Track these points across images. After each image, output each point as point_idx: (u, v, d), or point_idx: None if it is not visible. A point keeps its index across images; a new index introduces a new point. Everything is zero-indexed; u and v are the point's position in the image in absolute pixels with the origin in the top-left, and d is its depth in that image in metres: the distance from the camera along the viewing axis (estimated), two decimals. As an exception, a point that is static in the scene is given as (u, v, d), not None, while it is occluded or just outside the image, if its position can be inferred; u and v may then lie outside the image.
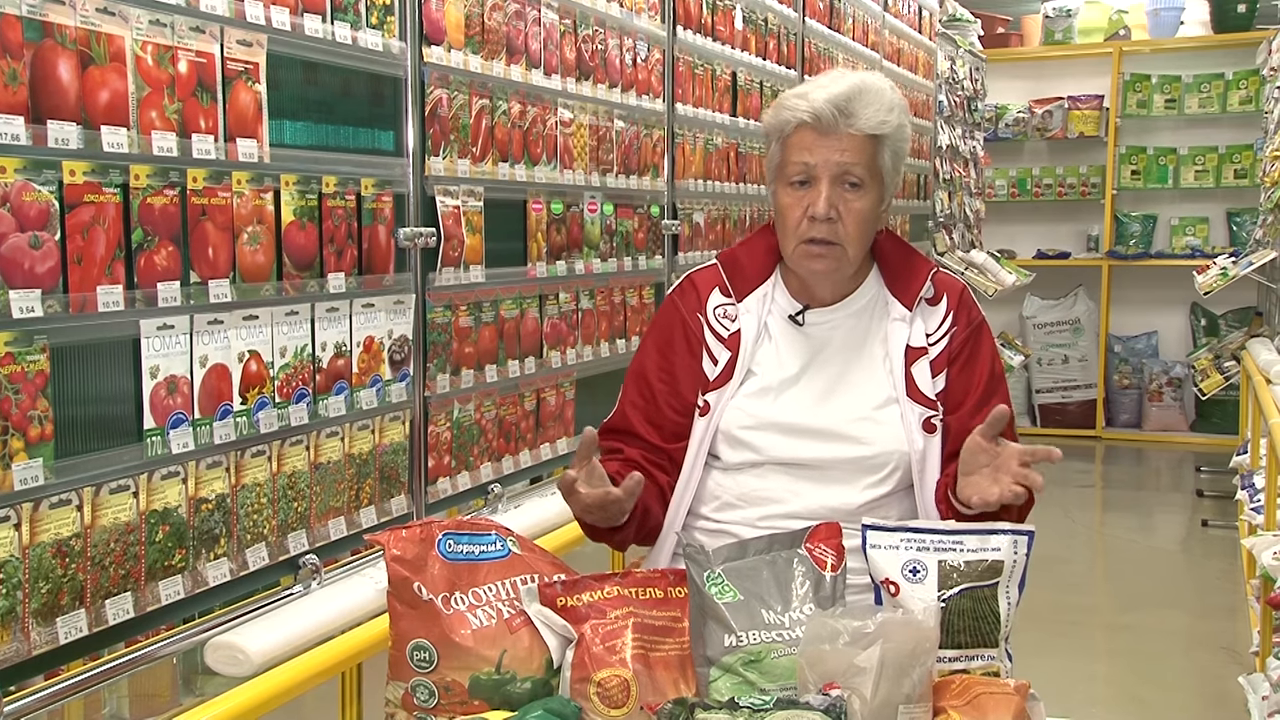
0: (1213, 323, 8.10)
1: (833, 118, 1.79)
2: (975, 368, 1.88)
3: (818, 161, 1.80)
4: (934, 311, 1.90)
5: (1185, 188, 8.28)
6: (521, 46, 2.66)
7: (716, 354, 1.90)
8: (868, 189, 1.82)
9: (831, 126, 1.79)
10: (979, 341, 1.90)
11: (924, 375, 1.85)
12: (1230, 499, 5.88)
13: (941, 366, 1.86)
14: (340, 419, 2.14)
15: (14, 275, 1.54)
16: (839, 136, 1.79)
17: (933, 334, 1.88)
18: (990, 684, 1.47)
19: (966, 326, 1.90)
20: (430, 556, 1.57)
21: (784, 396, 1.86)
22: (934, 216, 6.62)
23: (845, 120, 1.79)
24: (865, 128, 1.80)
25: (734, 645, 1.54)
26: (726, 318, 1.92)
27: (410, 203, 2.32)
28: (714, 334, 1.91)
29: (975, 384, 1.87)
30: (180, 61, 1.78)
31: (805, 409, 1.85)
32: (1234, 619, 4.72)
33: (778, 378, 1.88)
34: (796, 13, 4.44)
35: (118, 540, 1.70)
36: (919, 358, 1.86)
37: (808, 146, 1.81)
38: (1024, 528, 1.62)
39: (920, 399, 1.83)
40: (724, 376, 1.88)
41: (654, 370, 1.94)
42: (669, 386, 1.92)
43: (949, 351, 1.87)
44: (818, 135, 1.80)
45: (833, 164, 1.79)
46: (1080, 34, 8.57)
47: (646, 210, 3.31)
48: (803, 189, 1.82)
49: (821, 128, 1.80)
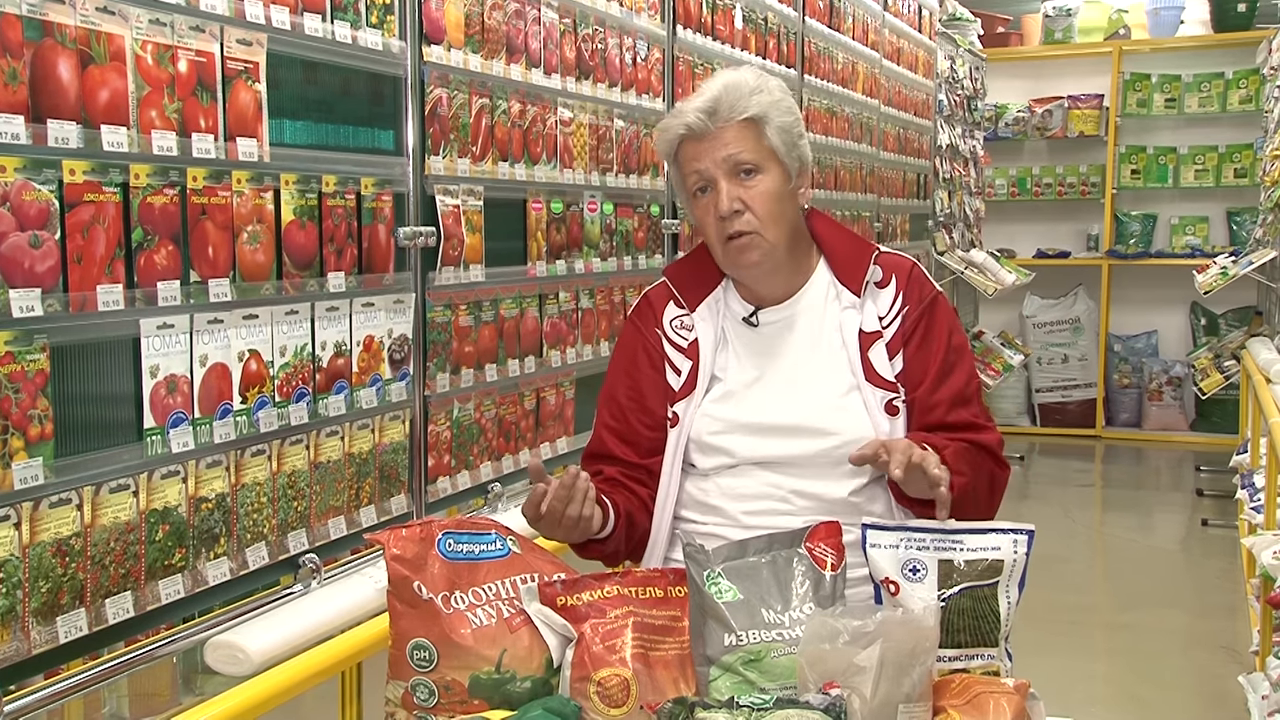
0: (1212, 322, 8.10)
1: (702, 122, 1.85)
2: (931, 343, 1.88)
3: (706, 164, 1.85)
4: (883, 293, 1.91)
5: (1185, 187, 8.28)
6: (521, 46, 2.66)
7: (678, 364, 1.93)
8: (765, 170, 1.85)
9: (705, 129, 1.85)
10: (933, 316, 1.90)
11: (881, 358, 1.86)
12: (1230, 498, 5.88)
13: (897, 348, 1.87)
14: (340, 418, 2.14)
15: (14, 274, 1.54)
16: (714, 135, 1.85)
17: (885, 316, 1.89)
18: (990, 683, 1.47)
19: (919, 304, 1.90)
20: (430, 556, 1.57)
21: (748, 397, 1.89)
22: (934, 216, 6.62)
23: (713, 119, 1.84)
24: (735, 116, 1.84)
25: (734, 644, 1.54)
26: (683, 328, 1.95)
27: (410, 202, 2.32)
28: (673, 345, 1.95)
29: (933, 358, 1.87)
30: (180, 61, 1.78)
31: (770, 407, 1.87)
32: (1234, 618, 4.72)
33: (740, 381, 1.90)
34: (796, 12, 4.44)
35: (118, 539, 1.70)
36: (874, 342, 1.87)
37: (694, 155, 1.87)
38: (1024, 526, 1.62)
39: (879, 382, 1.85)
40: (688, 385, 1.91)
41: (622, 391, 1.97)
42: (638, 404, 1.95)
43: (903, 332, 1.88)
44: (698, 142, 1.86)
45: (719, 160, 1.84)
46: (1080, 33, 8.57)
47: (646, 209, 3.31)
48: (706, 195, 1.87)
49: (697, 134, 1.85)
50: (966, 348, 1.94)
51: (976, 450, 1.83)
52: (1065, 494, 6.91)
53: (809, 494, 1.82)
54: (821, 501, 1.81)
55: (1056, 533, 5.89)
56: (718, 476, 1.87)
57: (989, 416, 1.92)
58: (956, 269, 6.60)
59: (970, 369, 1.90)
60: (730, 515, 1.84)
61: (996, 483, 1.87)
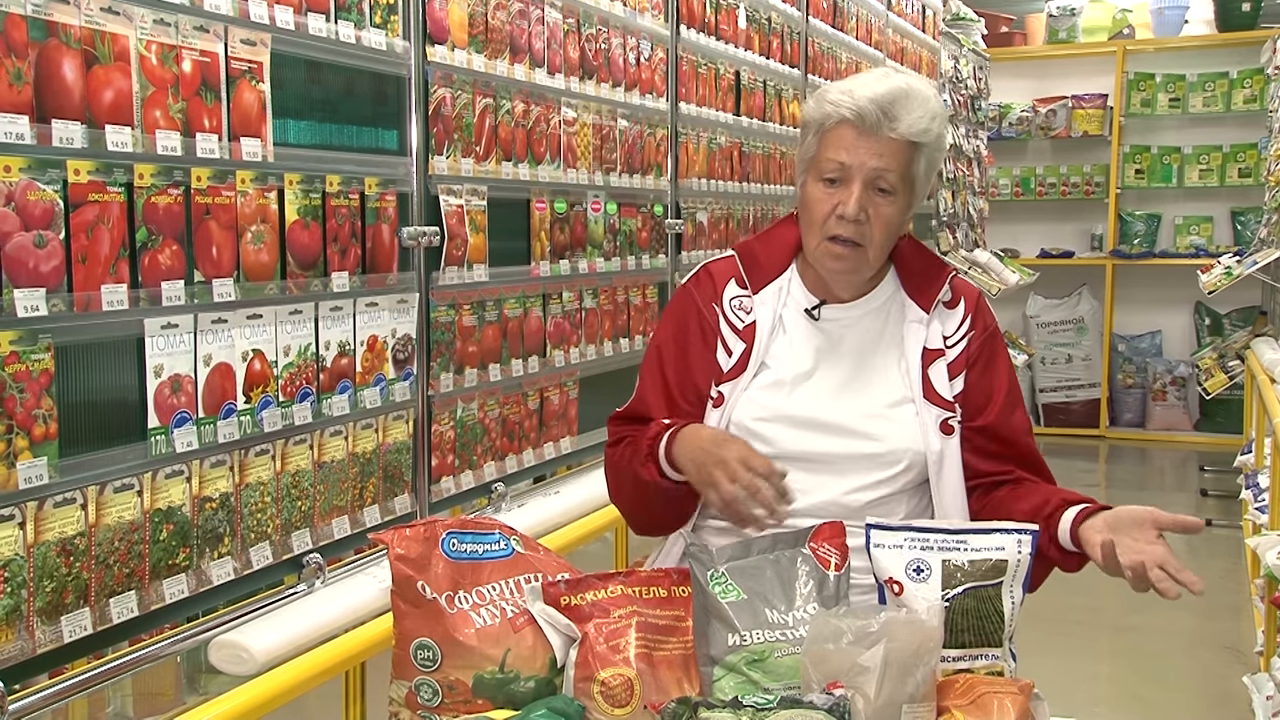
0: (1217, 322, 8.09)
1: (876, 118, 1.76)
2: (995, 372, 1.89)
3: (854, 162, 1.77)
4: (951, 315, 1.89)
5: (1189, 187, 8.27)
6: (525, 45, 2.66)
7: (731, 345, 1.88)
8: (898, 196, 1.80)
9: (874, 127, 1.76)
10: (995, 347, 1.91)
11: (941, 377, 1.84)
12: (1234, 498, 5.87)
13: (959, 369, 1.86)
14: (344, 418, 2.14)
15: (19, 274, 1.54)
16: (878, 139, 1.77)
17: (950, 337, 1.88)
18: (994, 683, 1.47)
19: (984, 332, 1.90)
20: (434, 555, 1.57)
21: (798, 390, 1.85)
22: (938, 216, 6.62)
23: (888, 123, 1.76)
24: (907, 133, 1.77)
25: (738, 644, 1.54)
26: (742, 309, 1.90)
27: (414, 202, 2.32)
28: (729, 325, 1.89)
29: (999, 386, 1.88)
30: (184, 61, 1.78)
31: (819, 403, 1.84)
32: (1238, 619, 4.71)
33: (791, 371, 1.86)
34: (800, 11, 4.44)
35: (122, 539, 1.70)
36: (936, 359, 1.85)
37: (846, 145, 1.78)
38: (1028, 527, 1.62)
39: (937, 401, 1.83)
40: (738, 368, 1.86)
41: (670, 359, 1.92)
42: (684, 376, 1.90)
43: (967, 355, 1.87)
44: (858, 134, 1.78)
45: (868, 167, 1.77)
46: (1084, 33, 8.56)
47: (650, 209, 3.31)
48: (833, 187, 1.80)
49: (864, 127, 1.77)
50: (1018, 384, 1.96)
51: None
52: (1069, 494, 6.90)
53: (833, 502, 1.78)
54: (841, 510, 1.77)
55: (1060, 533, 5.87)
56: None
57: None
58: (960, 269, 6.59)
59: (1023, 403, 1.92)
60: None
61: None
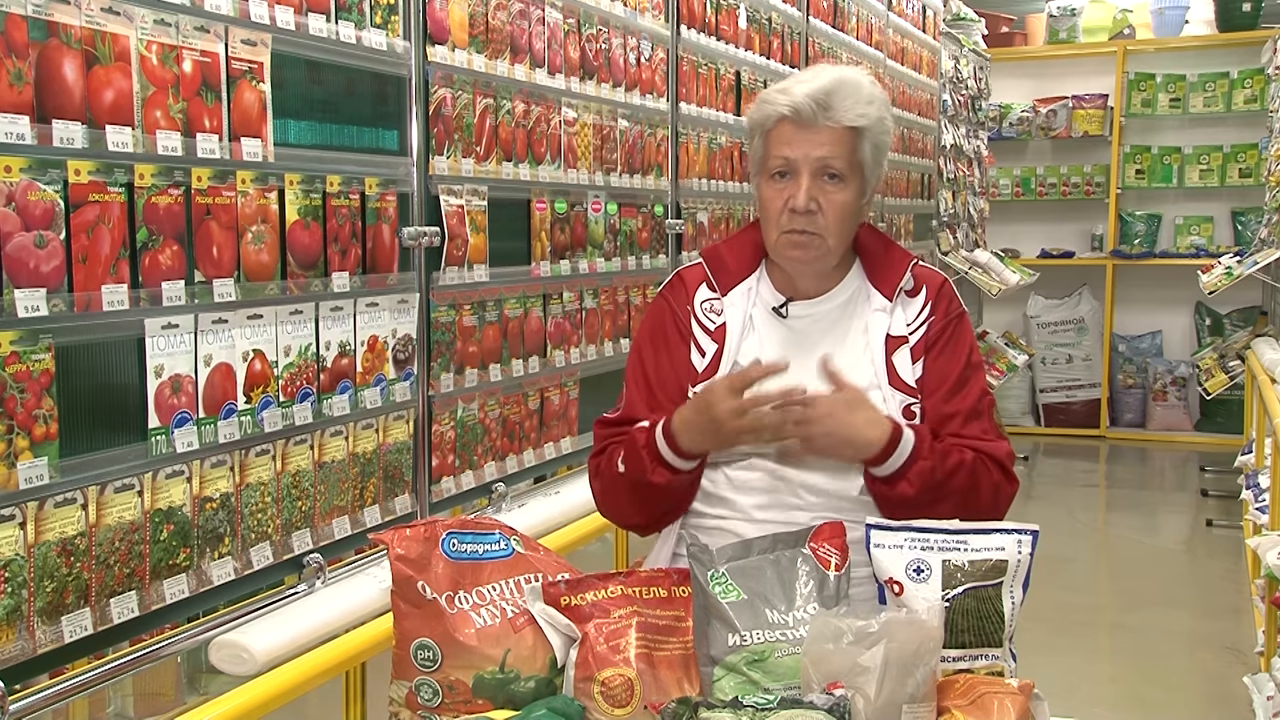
0: (1217, 322, 8.09)
1: (812, 111, 1.81)
2: (953, 356, 1.89)
3: (798, 155, 1.83)
4: (913, 302, 1.92)
5: (1190, 187, 8.27)
6: (525, 46, 2.66)
7: (704, 346, 1.92)
8: (848, 181, 1.84)
9: (811, 120, 1.82)
10: (958, 332, 1.91)
11: (904, 363, 1.87)
12: (1235, 499, 5.87)
13: (920, 354, 1.88)
14: (344, 418, 2.14)
15: (19, 274, 1.54)
16: (818, 130, 1.82)
17: (912, 322, 1.90)
18: (994, 684, 1.47)
19: (945, 316, 1.91)
20: (434, 556, 1.57)
21: (768, 388, 1.86)
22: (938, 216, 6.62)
23: (824, 113, 1.82)
24: (844, 120, 1.82)
25: (738, 644, 1.54)
26: (713, 311, 1.94)
27: (414, 202, 2.32)
28: (701, 327, 1.94)
29: (951, 370, 1.88)
30: (185, 61, 1.78)
31: None
32: (1238, 619, 4.71)
33: None
34: (800, 12, 4.44)
35: (122, 539, 1.70)
36: (899, 346, 1.88)
37: (788, 140, 1.84)
38: (1028, 527, 1.62)
39: (901, 386, 1.85)
40: (711, 369, 1.90)
41: (651, 364, 1.96)
42: (665, 376, 1.94)
43: (927, 339, 1.89)
44: (797, 129, 1.83)
45: (812, 158, 1.82)
46: (1084, 33, 8.56)
47: (650, 209, 3.31)
48: (783, 181, 1.85)
49: (801, 121, 1.82)
50: (983, 369, 1.95)
51: (981, 459, 1.82)
52: (1070, 494, 6.90)
53: (820, 489, 1.81)
54: (831, 498, 1.80)
55: (1061, 533, 5.88)
56: (727, 467, 1.86)
57: (1000, 434, 1.91)
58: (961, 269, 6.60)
59: (983, 388, 1.91)
60: (740, 508, 1.83)
61: (1001, 493, 1.85)
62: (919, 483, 1.76)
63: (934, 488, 1.77)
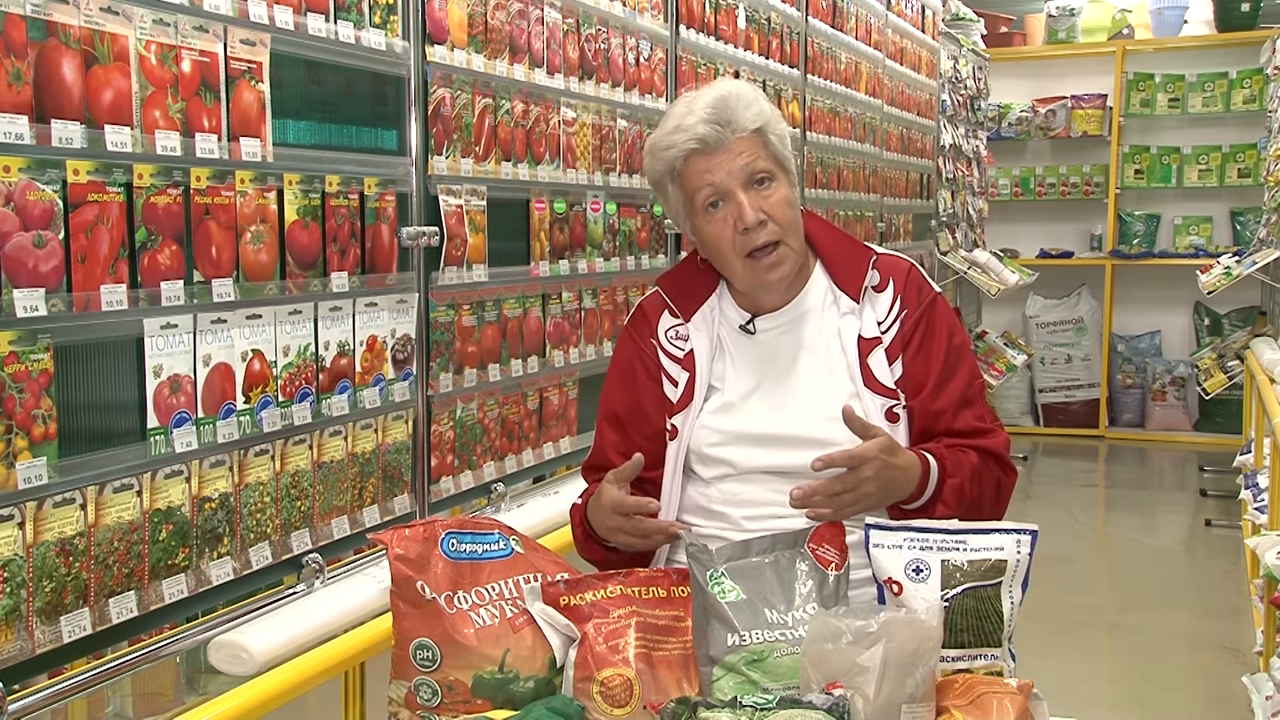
0: (1216, 322, 8.09)
1: (717, 132, 1.80)
2: (931, 347, 1.85)
3: (721, 176, 1.80)
4: (881, 298, 1.87)
5: (1189, 187, 8.28)
6: (524, 46, 2.66)
7: (675, 376, 1.90)
8: (777, 177, 1.82)
9: (718, 141, 1.80)
10: (933, 319, 1.86)
11: (880, 365, 1.83)
12: (1234, 498, 5.87)
13: (896, 353, 1.84)
14: (343, 418, 2.14)
15: (18, 274, 1.54)
16: (727, 147, 1.80)
17: (883, 321, 1.85)
18: (993, 683, 1.47)
19: (917, 306, 1.86)
20: (433, 555, 1.57)
21: (745, 408, 1.85)
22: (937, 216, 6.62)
23: (728, 128, 1.80)
24: (746, 126, 1.81)
25: (737, 644, 1.54)
26: (679, 338, 1.92)
27: (413, 202, 2.32)
28: (669, 356, 1.91)
29: (933, 363, 1.84)
30: (184, 61, 1.78)
31: (769, 418, 1.83)
32: (1237, 619, 4.72)
33: (738, 391, 1.87)
34: (799, 12, 4.44)
35: (121, 539, 1.70)
36: (873, 348, 1.83)
37: (706, 169, 1.81)
38: (1028, 526, 1.62)
39: (879, 389, 1.81)
40: (685, 397, 1.87)
41: (621, 405, 1.95)
42: (637, 416, 1.92)
43: (901, 336, 1.84)
44: (709, 155, 1.81)
45: (736, 170, 1.80)
46: (1083, 33, 8.56)
47: (649, 209, 3.31)
48: (720, 209, 1.82)
49: (709, 147, 1.80)
50: (967, 348, 1.90)
51: (984, 460, 1.81)
52: (1069, 494, 6.91)
53: None
54: None
55: (1060, 533, 5.88)
56: (720, 483, 1.85)
57: (994, 417, 1.89)
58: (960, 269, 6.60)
59: (971, 370, 1.87)
60: (733, 521, 1.82)
61: (1003, 488, 1.85)
62: (954, 499, 1.76)
63: (965, 500, 1.77)
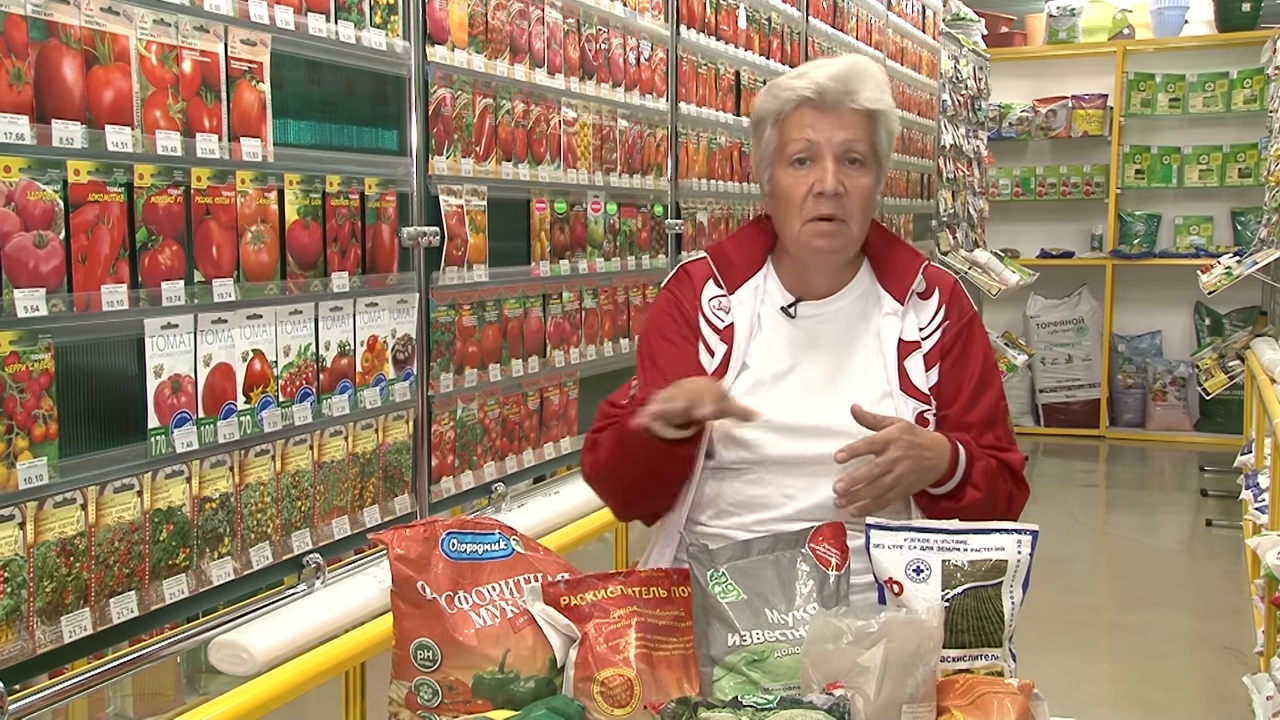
0: (1217, 322, 8.09)
1: (836, 93, 1.79)
2: (968, 363, 1.86)
3: (821, 138, 1.79)
4: (926, 305, 1.88)
5: (1189, 187, 8.27)
6: (525, 46, 2.66)
7: (713, 346, 1.87)
8: (868, 167, 1.82)
9: (836, 102, 1.79)
10: (971, 336, 1.88)
11: (917, 369, 1.83)
12: (1234, 499, 5.87)
13: (934, 360, 1.84)
14: (344, 418, 2.14)
15: (19, 274, 1.54)
16: (841, 113, 1.80)
17: (925, 328, 1.86)
18: (994, 684, 1.47)
19: (959, 321, 1.88)
20: (434, 556, 1.57)
21: (776, 391, 1.84)
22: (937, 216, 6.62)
23: (848, 95, 1.79)
24: (865, 103, 1.80)
25: (737, 644, 1.54)
26: (721, 309, 1.90)
27: (414, 202, 2.32)
28: (710, 325, 1.89)
29: (968, 378, 1.85)
30: (184, 61, 1.78)
31: (800, 405, 1.82)
32: (1238, 619, 4.72)
33: (770, 370, 1.85)
34: (800, 11, 4.44)
35: (122, 539, 1.70)
36: (912, 352, 1.84)
37: (810, 124, 1.80)
38: (1028, 527, 1.62)
39: (914, 393, 1.81)
40: (720, 371, 1.85)
41: (663, 356, 1.90)
42: (678, 371, 1.86)
43: (941, 345, 1.85)
44: (820, 112, 1.80)
45: (837, 141, 1.79)
46: (1084, 33, 8.56)
47: (650, 209, 3.31)
48: (804, 168, 1.81)
49: (825, 104, 1.80)
50: (998, 372, 1.92)
51: (1001, 468, 1.82)
52: (1069, 494, 6.91)
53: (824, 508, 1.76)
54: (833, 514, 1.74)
55: (1061, 533, 5.88)
56: (734, 479, 1.83)
57: (1012, 439, 1.89)
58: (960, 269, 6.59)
59: (1000, 392, 1.88)
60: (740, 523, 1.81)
61: (1014, 501, 1.84)
62: (984, 482, 1.75)
63: (990, 487, 1.76)
